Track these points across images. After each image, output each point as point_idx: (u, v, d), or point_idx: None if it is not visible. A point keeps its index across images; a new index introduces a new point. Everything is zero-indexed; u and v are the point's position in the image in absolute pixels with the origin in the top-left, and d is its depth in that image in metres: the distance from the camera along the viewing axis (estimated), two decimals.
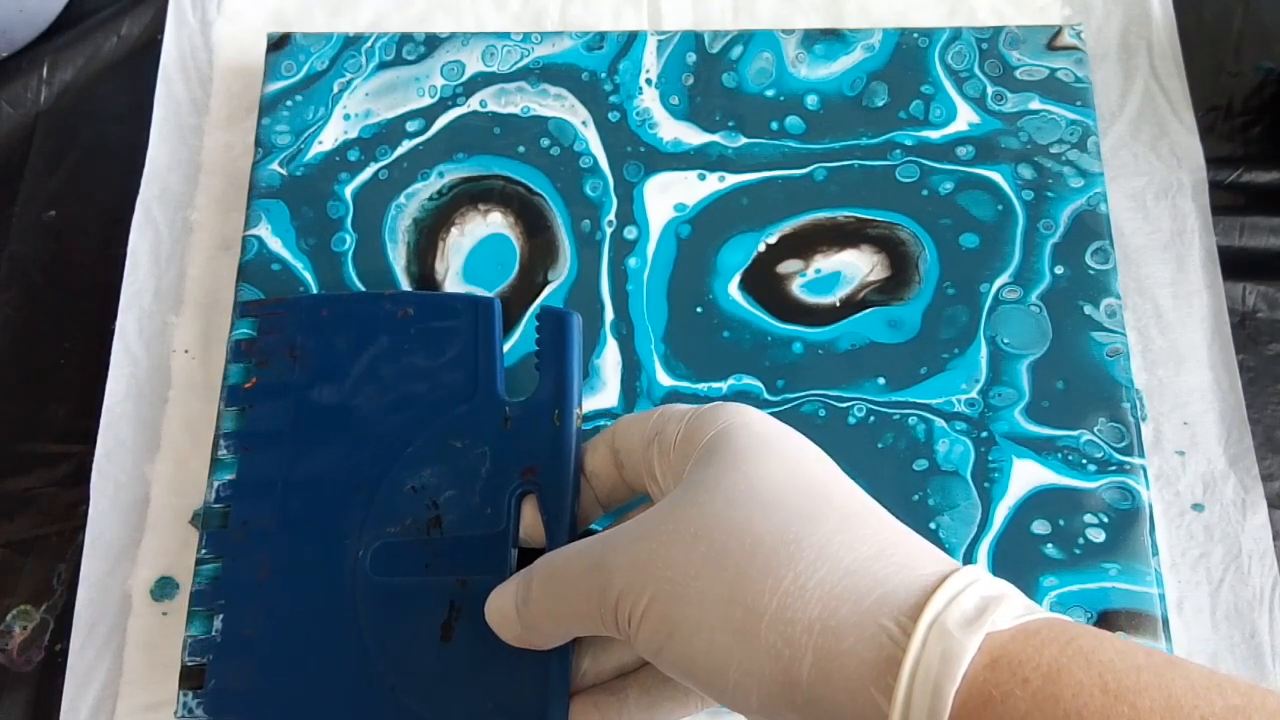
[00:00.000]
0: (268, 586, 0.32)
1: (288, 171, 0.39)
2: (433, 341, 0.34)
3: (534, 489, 0.30)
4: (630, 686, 0.28)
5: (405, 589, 0.31)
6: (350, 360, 0.34)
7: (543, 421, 0.31)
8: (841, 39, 0.41)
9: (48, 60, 0.45)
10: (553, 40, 0.41)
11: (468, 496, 0.31)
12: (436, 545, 0.31)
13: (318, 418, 0.34)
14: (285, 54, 0.41)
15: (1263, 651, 0.36)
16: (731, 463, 0.25)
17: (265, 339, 0.36)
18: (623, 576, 0.24)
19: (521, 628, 0.27)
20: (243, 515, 0.33)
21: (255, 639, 0.32)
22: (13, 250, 0.42)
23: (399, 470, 0.32)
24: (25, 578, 0.37)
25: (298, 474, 0.33)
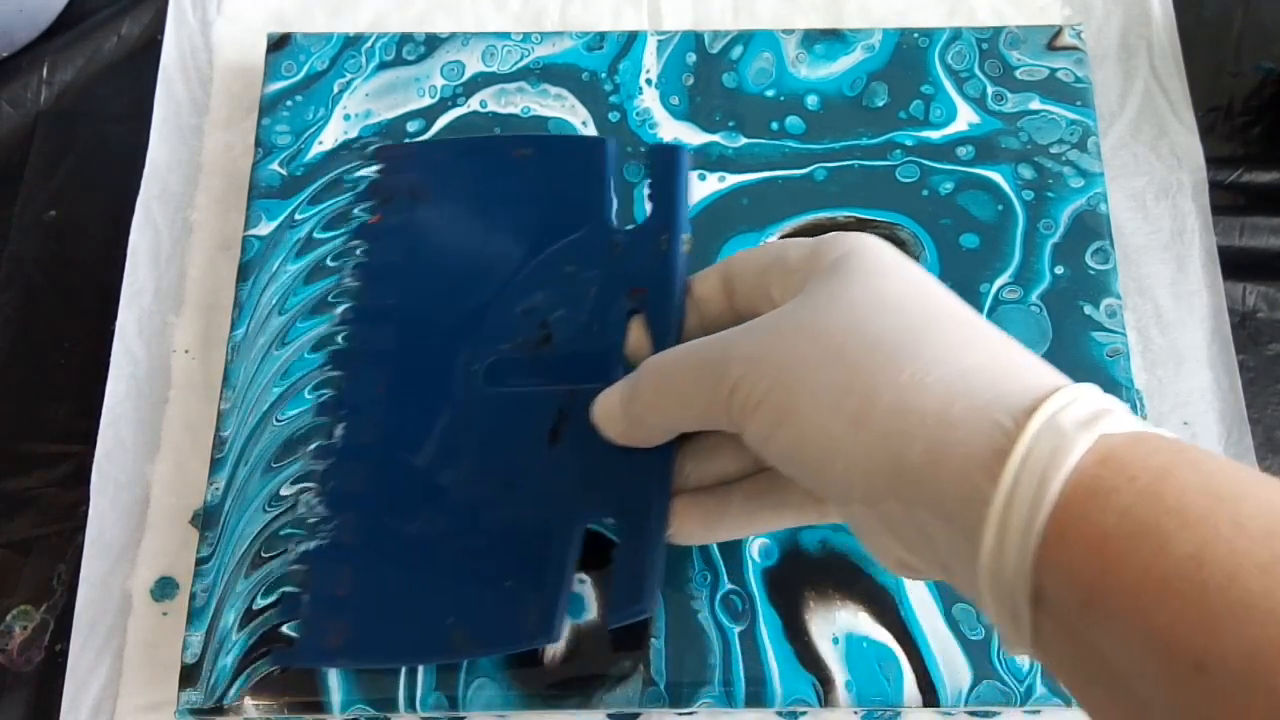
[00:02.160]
0: (385, 399, 0.35)
1: (288, 171, 0.39)
2: (548, 179, 0.36)
3: (642, 308, 0.32)
4: (733, 491, 0.30)
5: (515, 398, 0.33)
6: (468, 198, 0.37)
7: (650, 247, 0.32)
8: (841, 39, 0.41)
9: (48, 60, 0.45)
10: (553, 40, 0.41)
11: (577, 316, 0.33)
12: (546, 359, 0.33)
13: (435, 250, 0.36)
14: (285, 54, 0.41)
15: None
16: (855, 276, 0.26)
17: (388, 179, 0.38)
18: (740, 367, 0.25)
19: (627, 424, 0.29)
20: (362, 336, 0.36)
21: (373, 445, 0.34)
22: (13, 250, 0.42)
23: (511, 294, 0.34)
24: (25, 578, 0.37)
25: (414, 300, 0.36)
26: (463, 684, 0.33)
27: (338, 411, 0.35)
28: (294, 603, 0.33)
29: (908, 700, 0.33)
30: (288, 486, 0.35)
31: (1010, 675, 0.33)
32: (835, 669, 0.33)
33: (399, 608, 0.32)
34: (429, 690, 0.33)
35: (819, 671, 0.33)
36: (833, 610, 0.33)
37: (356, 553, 0.33)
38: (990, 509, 0.21)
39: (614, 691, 0.33)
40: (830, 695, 0.33)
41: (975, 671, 0.33)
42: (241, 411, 0.36)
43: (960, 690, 0.33)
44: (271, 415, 0.36)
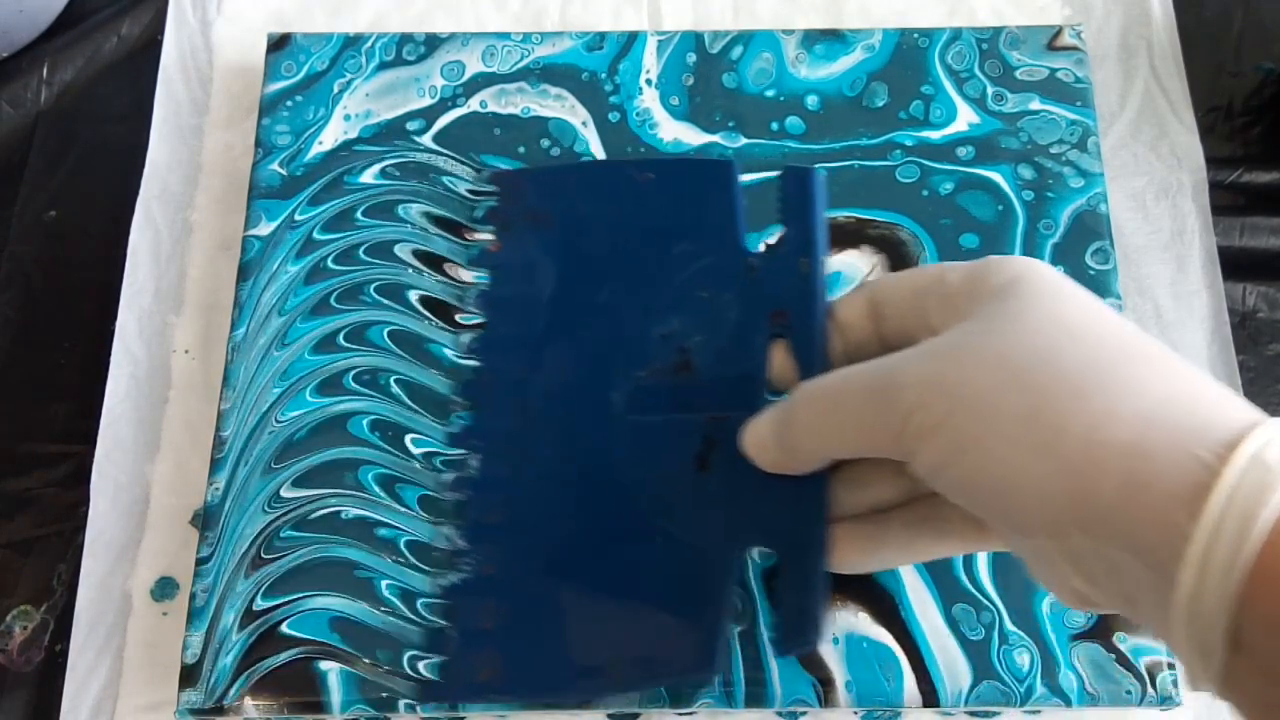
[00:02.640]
0: (521, 429, 0.34)
1: (288, 171, 0.39)
2: (673, 201, 0.36)
3: (784, 333, 0.31)
4: (891, 519, 0.29)
5: (657, 426, 0.33)
6: (593, 223, 0.36)
7: (789, 270, 0.32)
8: (841, 39, 0.41)
9: (48, 60, 0.45)
10: (553, 40, 0.41)
11: (716, 340, 0.33)
12: (687, 386, 0.33)
13: (561, 277, 0.36)
14: (285, 54, 0.41)
15: None
16: (1031, 301, 0.25)
17: (506, 206, 0.38)
18: (913, 393, 0.25)
19: (781, 452, 0.29)
20: (494, 366, 0.36)
21: (510, 477, 0.34)
22: (13, 250, 0.42)
23: (645, 320, 0.34)
24: (25, 578, 0.37)
25: (544, 328, 0.35)
26: None
27: (471, 442, 0.35)
28: (438, 638, 0.33)
29: (908, 700, 0.33)
30: (289, 488, 0.35)
31: (1010, 675, 0.33)
32: (835, 669, 0.33)
33: (548, 642, 0.32)
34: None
35: (819, 672, 0.33)
36: (832, 610, 0.33)
37: (500, 586, 0.33)
38: (1191, 545, 0.20)
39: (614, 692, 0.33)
40: (830, 695, 0.33)
41: (975, 671, 0.33)
42: (241, 411, 0.36)
43: (960, 690, 0.33)
44: (271, 415, 0.36)
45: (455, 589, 0.33)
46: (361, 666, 0.33)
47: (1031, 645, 0.33)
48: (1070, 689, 0.33)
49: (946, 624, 0.33)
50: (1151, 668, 0.33)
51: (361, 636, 0.33)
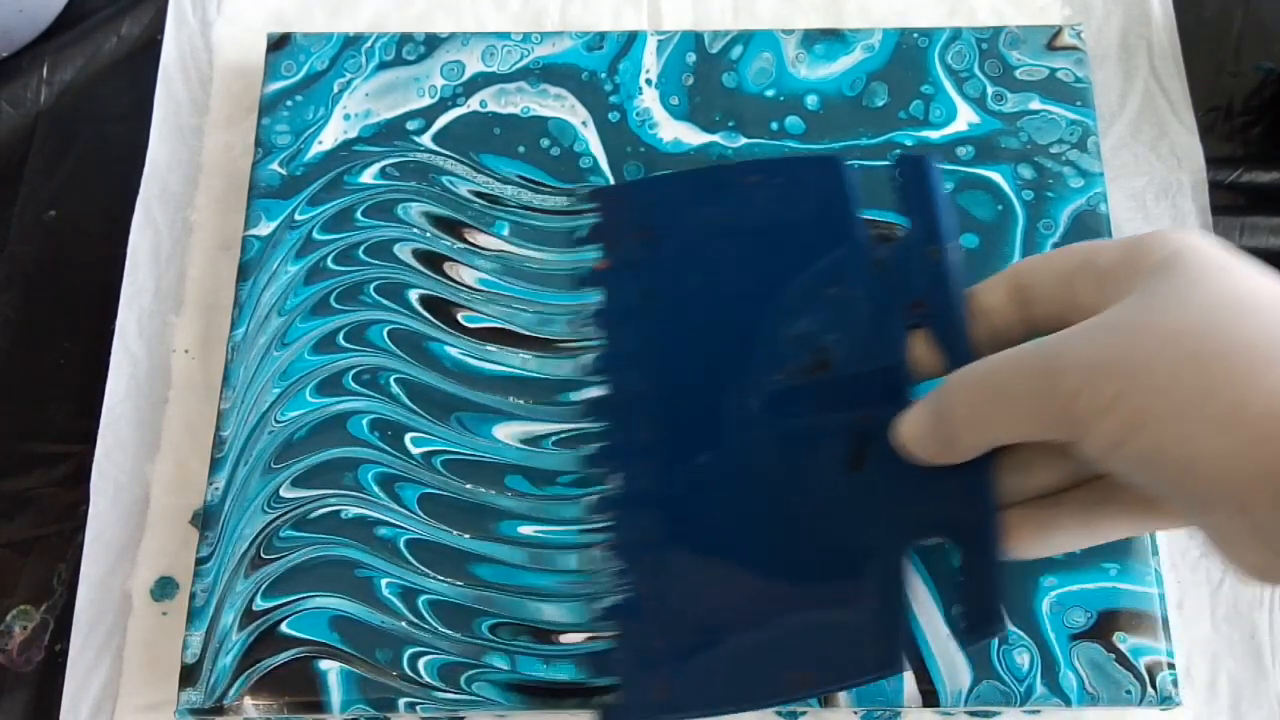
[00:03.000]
0: (659, 444, 0.34)
1: (288, 171, 0.39)
2: (784, 201, 0.35)
3: (923, 323, 0.31)
4: (1064, 502, 0.29)
5: (803, 429, 0.32)
6: (704, 232, 0.36)
7: (919, 259, 0.31)
8: (841, 39, 0.41)
9: (48, 60, 0.45)
10: (553, 40, 0.41)
11: (852, 337, 0.32)
12: (827, 385, 0.32)
13: (677, 288, 0.35)
14: (285, 54, 0.41)
15: (1263, 651, 0.36)
16: (1197, 276, 0.25)
17: (610, 223, 0.38)
18: (1080, 373, 0.24)
19: (937, 443, 0.28)
20: (623, 384, 0.35)
21: (656, 493, 0.34)
22: (13, 250, 0.42)
23: (775, 323, 0.33)
24: (25, 578, 0.38)
25: (667, 341, 0.35)
26: (464, 683, 0.33)
27: (611, 461, 0.35)
28: (603, 660, 0.33)
29: (908, 700, 0.33)
30: (288, 488, 0.35)
31: (1010, 675, 0.33)
32: None
33: (722, 654, 0.32)
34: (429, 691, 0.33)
35: None
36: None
37: (663, 602, 0.33)
38: None
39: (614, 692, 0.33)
40: (830, 695, 0.33)
41: (975, 671, 0.33)
42: (241, 411, 0.36)
43: (960, 690, 0.33)
44: (271, 415, 0.36)
45: (618, 609, 0.33)
46: (361, 666, 0.33)
47: (1031, 645, 0.33)
48: (1070, 689, 0.33)
49: (947, 624, 0.33)
50: (1151, 668, 0.33)
51: (361, 636, 0.33)
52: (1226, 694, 0.35)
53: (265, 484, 0.35)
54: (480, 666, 0.33)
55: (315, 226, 0.38)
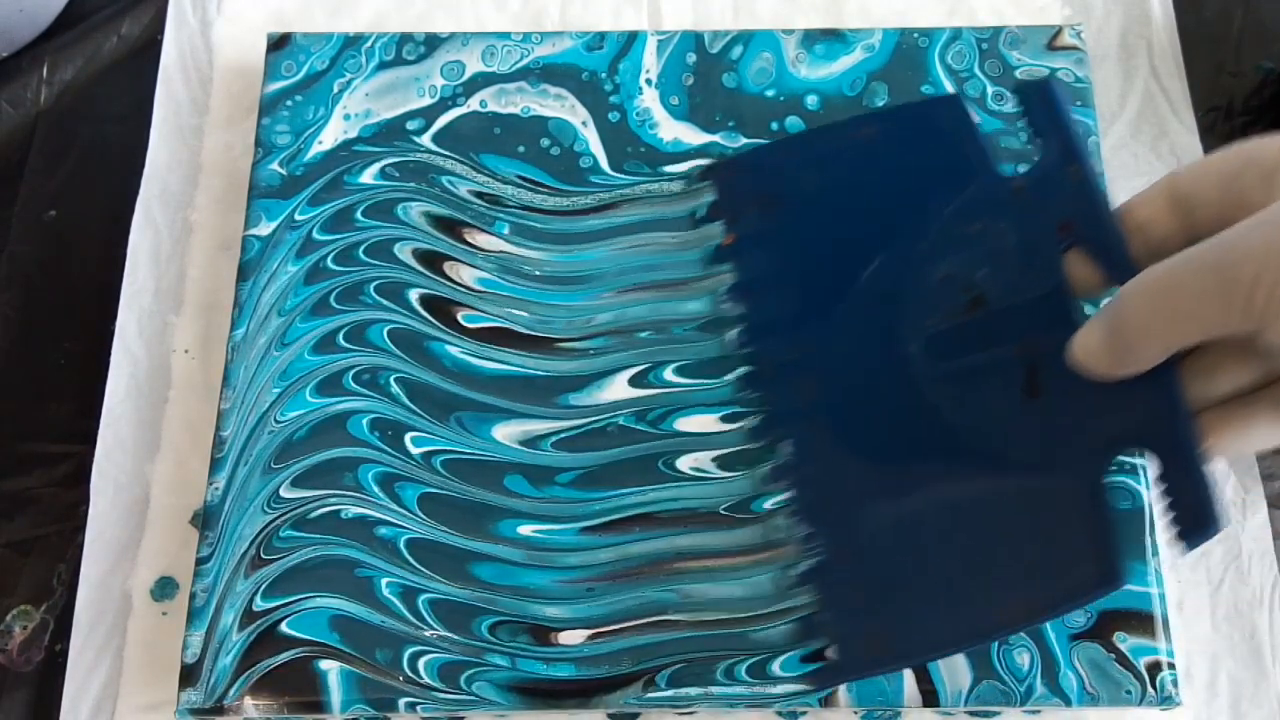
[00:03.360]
0: (825, 406, 0.34)
1: (288, 171, 0.39)
2: (906, 148, 0.35)
3: (1075, 242, 0.31)
4: (1259, 400, 0.29)
5: (970, 368, 0.32)
6: (826, 191, 0.36)
7: (1059, 181, 0.31)
8: (841, 39, 0.41)
9: (48, 60, 0.45)
10: (553, 40, 0.41)
11: (1004, 269, 0.32)
12: (986, 320, 0.32)
13: (814, 249, 0.35)
14: (285, 54, 0.41)
15: (1263, 651, 0.36)
16: None
17: (729, 197, 0.37)
18: (1258, 260, 0.25)
19: (1115, 355, 0.28)
20: (773, 354, 0.35)
21: (831, 453, 0.34)
22: (13, 250, 0.42)
23: (919, 269, 0.33)
24: (25, 578, 0.38)
25: (811, 304, 0.35)
26: (464, 683, 0.33)
27: (776, 431, 0.35)
28: (810, 625, 0.33)
29: (908, 700, 0.33)
30: (288, 488, 0.35)
31: (1010, 675, 0.33)
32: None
33: (929, 598, 0.32)
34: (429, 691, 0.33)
35: None
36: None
37: (858, 557, 0.33)
38: None
39: (614, 691, 0.33)
40: (830, 695, 0.33)
41: (975, 671, 0.33)
42: (241, 411, 0.36)
43: (960, 690, 0.33)
44: (271, 415, 0.36)
45: (815, 572, 0.33)
46: (361, 666, 0.33)
47: (1031, 645, 0.33)
48: (1070, 689, 0.33)
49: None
50: (1151, 668, 0.33)
51: (361, 636, 0.33)
52: (1226, 694, 0.35)
53: (265, 484, 0.35)
54: (480, 666, 0.33)
55: (315, 226, 0.38)
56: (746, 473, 0.35)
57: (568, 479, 0.35)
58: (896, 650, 0.32)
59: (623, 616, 0.34)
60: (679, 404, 0.36)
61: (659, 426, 0.36)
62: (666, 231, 0.38)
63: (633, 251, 0.38)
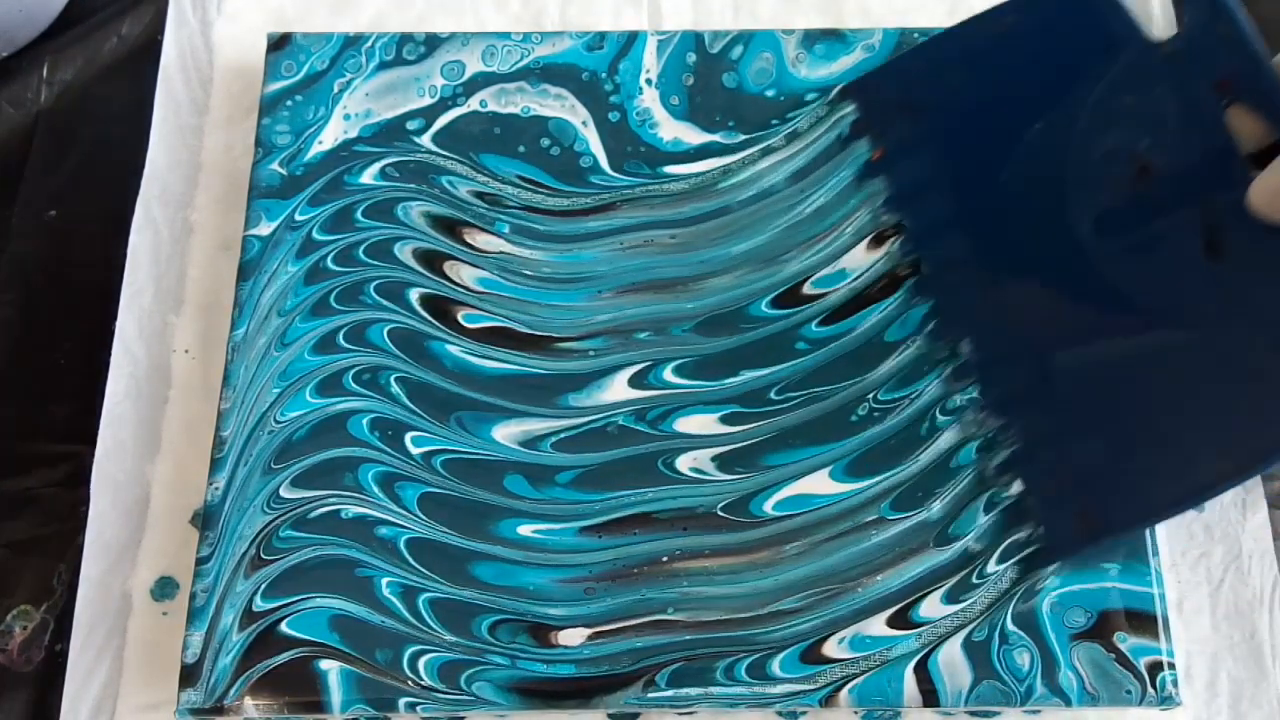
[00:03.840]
0: (999, 300, 0.35)
1: (288, 171, 0.39)
2: (1048, 31, 0.35)
3: (1235, 98, 0.30)
4: None
5: (1144, 238, 0.32)
6: (975, 86, 0.36)
7: (1210, 41, 0.31)
8: (841, 39, 0.41)
9: (48, 60, 0.45)
10: (553, 40, 0.41)
11: (1166, 136, 0.32)
12: (1156, 189, 0.32)
13: (968, 149, 0.35)
14: (285, 54, 0.41)
15: (1263, 651, 0.36)
16: None
17: (869, 112, 0.38)
18: None
19: None
20: (935, 259, 0.36)
21: (1011, 347, 0.34)
22: (13, 250, 0.42)
23: (1078, 150, 0.33)
24: (25, 578, 0.38)
25: (970, 204, 0.35)
26: (464, 683, 0.33)
27: (953, 332, 0.35)
28: (1015, 513, 0.34)
29: (908, 700, 0.33)
30: (288, 488, 0.35)
31: (1010, 675, 0.33)
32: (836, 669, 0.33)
33: (1132, 467, 0.32)
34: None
35: None
36: None
37: (1054, 439, 0.33)
38: None
39: (614, 692, 0.33)
40: (830, 695, 0.33)
41: (975, 671, 0.33)
42: (241, 411, 0.36)
43: (960, 690, 0.33)
44: (271, 415, 0.36)
45: (1013, 462, 0.34)
46: (361, 666, 0.33)
47: (1031, 645, 0.33)
48: (1070, 689, 0.33)
49: (947, 623, 0.33)
50: (1151, 668, 0.33)
51: (361, 636, 0.33)
52: (1226, 694, 0.35)
53: (265, 484, 0.35)
54: (480, 666, 0.33)
55: (315, 226, 0.38)
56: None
57: (567, 479, 0.35)
58: (1105, 524, 0.32)
59: (622, 616, 0.34)
60: (678, 404, 0.36)
61: (658, 427, 0.36)
62: (666, 231, 0.38)
63: (632, 252, 0.38)
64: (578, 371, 0.37)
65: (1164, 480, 0.32)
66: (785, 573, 0.34)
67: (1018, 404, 0.34)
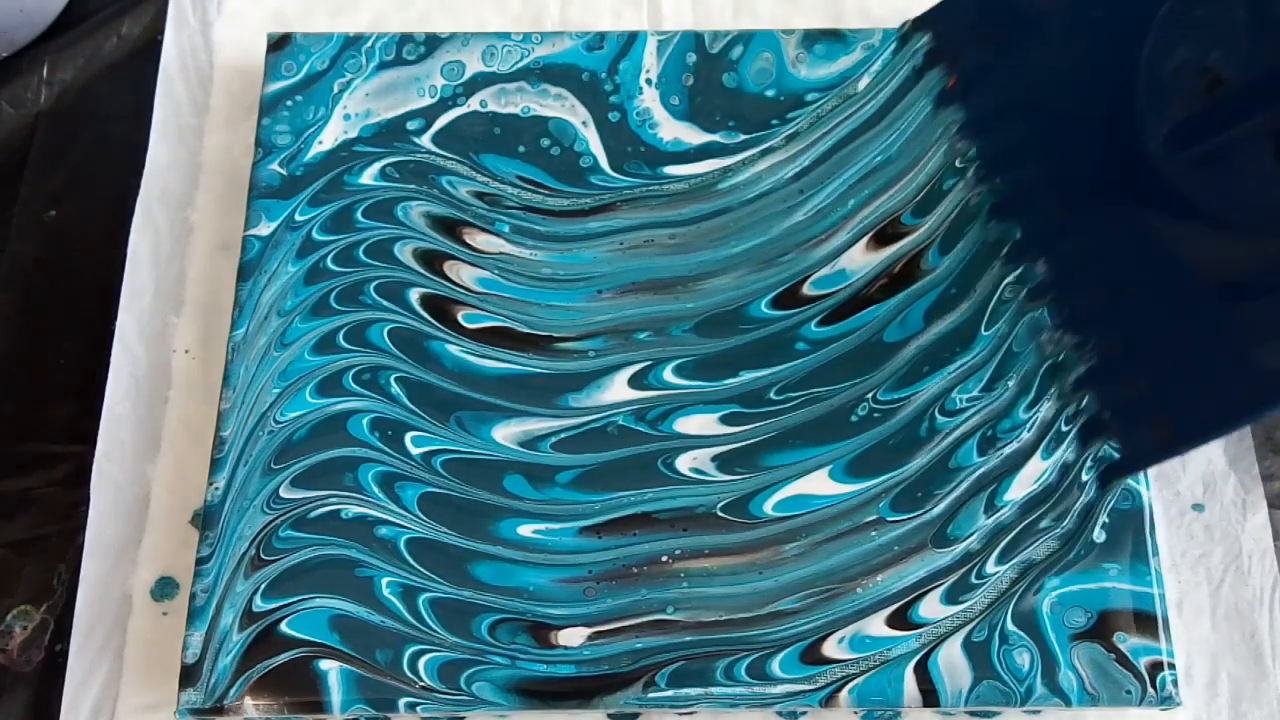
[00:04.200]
0: (1070, 221, 0.35)
1: (288, 171, 0.39)
2: None
3: None
4: None
5: (1217, 149, 0.32)
6: (1046, 11, 0.36)
7: None
8: (841, 39, 0.41)
9: (48, 60, 0.45)
10: (553, 40, 0.41)
11: (1238, 46, 0.32)
12: (1228, 98, 0.32)
13: (1036, 72, 0.36)
14: (285, 54, 0.41)
15: (1263, 651, 0.36)
16: None
17: (942, 41, 0.38)
18: None
19: None
20: (1013, 181, 0.36)
21: (1084, 262, 0.34)
22: (13, 250, 0.42)
23: (1149, 67, 0.33)
24: (25, 578, 0.38)
25: (1044, 126, 0.35)
26: (464, 683, 0.33)
27: (1029, 253, 0.36)
28: (1092, 427, 0.34)
29: (908, 700, 0.33)
30: (288, 488, 0.35)
31: (1010, 675, 0.33)
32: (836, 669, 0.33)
33: (1207, 375, 0.32)
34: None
35: None
36: None
37: (1129, 353, 0.34)
38: None
39: (614, 692, 0.33)
40: (830, 695, 0.33)
41: (975, 671, 0.33)
42: (241, 411, 0.36)
43: (960, 690, 0.33)
44: (271, 415, 0.36)
45: (1090, 377, 0.34)
46: (361, 666, 0.33)
47: (1031, 645, 0.33)
48: (1070, 689, 0.33)
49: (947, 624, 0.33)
50: (1151, 668, 0.33)
51: (361, 636, 0.33)
52: (1226, 694, 0.35)
53: (265, 484, 0.35)
54: (480, 666, 0.33)
55: (315, 227, 0.38)
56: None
57: (567, 479, 0.35)
58: (1184, 432, 0.33)
59: (622, 616, 0.34)
60: (678, 404, 0.36)
61: (658, 427, 0.36)
62: (666, 231, 0.38)
63: (632, 252, 0.38)
64: (578, 371, 0.37)
65: (1239, 385, 0.32)
66: (785, 573, 0.34)
67: (1093, 320, 0.35)
